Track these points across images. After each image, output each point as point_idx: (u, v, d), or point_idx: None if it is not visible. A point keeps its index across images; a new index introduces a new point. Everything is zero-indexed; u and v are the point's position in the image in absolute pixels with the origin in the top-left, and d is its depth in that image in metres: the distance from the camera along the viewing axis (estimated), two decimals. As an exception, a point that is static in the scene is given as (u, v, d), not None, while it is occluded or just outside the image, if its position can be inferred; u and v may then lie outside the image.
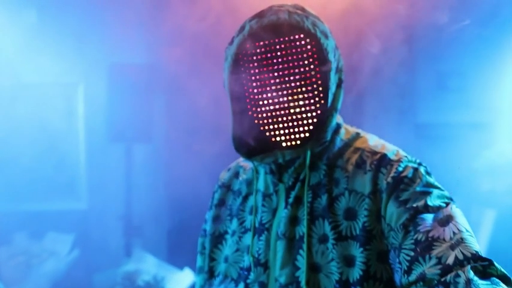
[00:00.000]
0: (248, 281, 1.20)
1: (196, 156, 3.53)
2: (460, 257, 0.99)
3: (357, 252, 1.10)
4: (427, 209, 1.06)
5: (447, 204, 1.07)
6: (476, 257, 0.99)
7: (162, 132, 3.81)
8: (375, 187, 1.12)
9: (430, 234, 1.03)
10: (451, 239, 1.02)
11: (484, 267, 0.97)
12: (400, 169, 1.12)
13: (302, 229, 1.16)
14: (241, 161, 1.39)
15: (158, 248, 3.66)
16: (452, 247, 1.01)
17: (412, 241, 1.04)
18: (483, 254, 1.02)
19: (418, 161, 1.16)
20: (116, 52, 3.62)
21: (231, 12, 3.13)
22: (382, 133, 1.34)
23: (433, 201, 1.07)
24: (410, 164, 1.13)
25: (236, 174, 1.36)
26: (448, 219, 1.04)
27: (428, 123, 3.80)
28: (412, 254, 1.03)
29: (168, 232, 3.81)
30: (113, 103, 3.56)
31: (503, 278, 0.98)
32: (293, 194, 1.20)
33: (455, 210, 1.07)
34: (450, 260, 0.99)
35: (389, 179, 1.11)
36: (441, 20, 3.72)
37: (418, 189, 1.09)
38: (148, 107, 3.60)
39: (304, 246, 1.14)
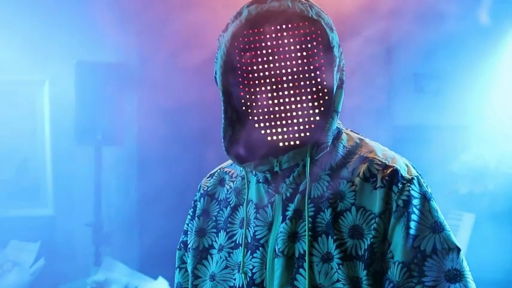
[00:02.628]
0: None
1: (169, 159, 3.48)
2: None
3: (362, 274, 1.02)
4: (435, 253, 1.01)
5: (458, 251, 1.02)
6: None
7: (133, 134, 3.73)
8: (385, 206, 1.03)
9: None
10: None
11: None
12: (412, 192, 1.04)
13: (303, 246, 1.06)
14: (225, 166, 1.27)
15: (129, 256, 3.58)
16: None
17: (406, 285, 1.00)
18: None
19: (426, 184, 1.08)
20: (84, 49, 3.53)
21: (208, 10, 3.07)
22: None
23: (442, 243, 1.01)
24: (421, 187, 1.06)
25: (221, 182, 1.24)
26: (457, 275, 1.00)
27: (406, 126, 3.84)
28: None
29: (139, 239, 3.73)
30: (81, 103, 3.44)
31: None
32: (292, 206, 1.09)
33: (464, 263, 1.02)
34: None
35: (399, 202, 1.03)
36: (418, 24, 3.75)
37: (428, 223, 1.03)
38: (119, 108, 3.50)
39: (306, 265, 1.04)
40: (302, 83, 1.07)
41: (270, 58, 1.07)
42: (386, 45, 3.82)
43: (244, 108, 1.11)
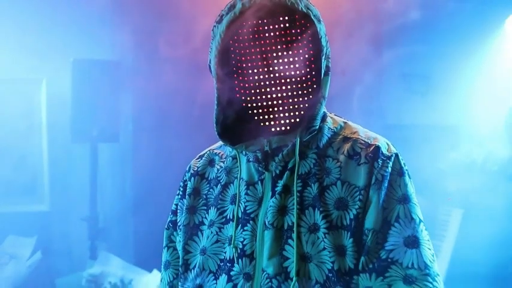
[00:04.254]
0: (232, 273, 1.15)
1: (163, 156, 3.51)
2: None
3: (348, 242, 1.09)
4: (398, 221, 1.09)
5: (419, 222, 1.10)
6: None
7: (128, 132, 3.77)
8: (368, 180, 1.11)
9: (391, 255, 1.07)
10: (407, 267, 1.06)
11: None
12: (390, 168, 1.13)
13: (291, 218, 1.13)
14: (215, 148, 1.34)
15: (124, 250, 3.60)
16: (406, 279, 1.05)
17: (376, 254, 1.07)
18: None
19: (403, 161, 1.16)
20: (80, 48, 3.56)
21: (200, 10, 3.12)
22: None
23: (406, 213, 1.10)
24: (398, 164, 1.14)
25: (211, 162, 1.31)
26: (414, 242, 1.08)
27: (396, 125, 3.87)
28: (370, 266, 1.07)
29: (134, 234, 3.76)
30: (77, 101, 3.48)
31: None
32: (281, 183, 1.16)
33: (424, 233, 1.10)
34: None
35: (378, 176, 1.12)
36: (408, 25, 3.82)
37: (397, 196, 1.11)
38: (114, 105, 3.54)
39: (294, 235, 1.11)
40: (293, 71, 1.14)
41: (263, 48, 1.14)
42: (376, 47, 3.88)
43: (237, 95, 1.17)
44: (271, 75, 1.15)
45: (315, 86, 1.15)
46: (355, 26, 3.65)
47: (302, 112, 1.15)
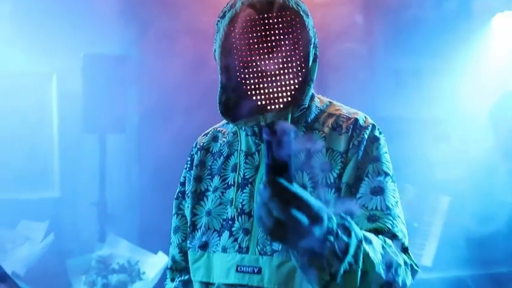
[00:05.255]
0: (233, 229, 1.33)
1: (167, 145, 3.57)
2: (369, 227, 1.21)
3: (331, 197, 1.28)
4: (367, 175, 1.28)
5: (386, 175, 1.29)
6: (380, 232, 1.21)
7: (134, 123, 3.88)
8: (348, 146, 1.31)
9: (359, 202, 1.26)
10: (371, 210, 1.25)
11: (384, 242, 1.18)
12: (365, 135, 1.32)
13: None
14: (218, 126, 1.52)
15: (131, 233, 3.71)
16: (369, 218, 1.24)
17: (348, 199, 1.25)
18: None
19: (380, 129, 1.36)
20: (90, 43, 3.66)
21: (203, 7, 3.27)
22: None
23: (374, 169, 1.29)
24: (373, 132, 1.34)
25: (215, 138, 1.49)
26: (380, 190, 1.27)
27: (387, 118, 3.97)
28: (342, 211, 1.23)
29: (140, 218, 3.87)
30: (87, 93, 3.59)
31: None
32: None
33: (390, 184, 1.29)
34: (362, 228, 1.20)
35: (355, 142, 1.31)
36: (398, 24, 3.97)
37: (369, 158, 1.30)
38: (122, 98, 3.65)
39: None
40: (285, 58, 1.31)
41: (260, 39, 1.32)
42: (369, 44, 4.03)
43: (238, 79, 1.35)
44: (267, 62, 1.32)
45: (304, 71, 1.33)
46: (349, 26, 3.81)
47: (293, 92, 1.32)
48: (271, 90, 1.33)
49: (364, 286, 1.09)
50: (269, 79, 1.32)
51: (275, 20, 1.31)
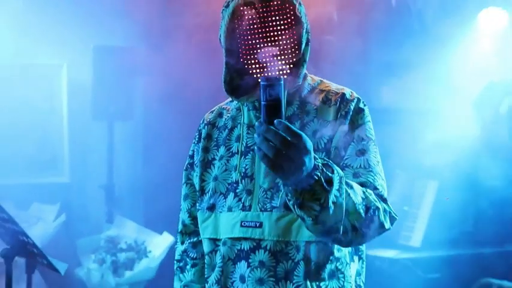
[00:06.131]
0: (237, 190, 1.51)
1: (171, 132, 3.75)
2: (353, 182, 1.39)
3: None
4: (353, 140, 1.45)
5: (369, 140, 1.48)
6: (363, 186, 1.40)
7: (141, 111, 4.02)
8: (336, 116, 1.50)
9: (345, 162, 1.43)
10: (356, 168, 1.44)
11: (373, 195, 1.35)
12: (351, 107, 1.51)
13: None
14: (223, 104, 1.71)
15: (137, 215, 3.87)
16: (354, 175, 1.43)
17: (336, 164, 1.41)
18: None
19: (364, 102, 1.55)
20: (99, 35, 3.79)
21: (211, 2, 3.43)
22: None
23: (359, 134, 1.48)
24: (357, 105, 1.52)
25: (220, 114, 1.67)
26: (363, 152, 1.46)
27: (380, 109, 4.10)
28: None
29: (146, 201, 4.03)
30: (96, 83, 3.73)
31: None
32: None
33: (372, 148, 1.48)
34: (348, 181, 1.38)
35: (342, 113, 1.50)
36: (390, 18, 4.13)
37: (355, 126, 1.49)
38: (129, 87, 3.80)
39: None
40: (282, 41, 1.50)
41: (259, 25, 1.50)
42: (363, 37, 4.21)
43: (241, 60, 1.53)
44: (266, 44, 1.50)
45: (298, 53, 1.51)
46: (344, 21, 3.97)
47: (289, 71, 1.51)
48: (270, 69, 1.49)
49: (345, 223, 1.28)
50: (268, 60, 1.49)
51: (272, 9, 1.49)
